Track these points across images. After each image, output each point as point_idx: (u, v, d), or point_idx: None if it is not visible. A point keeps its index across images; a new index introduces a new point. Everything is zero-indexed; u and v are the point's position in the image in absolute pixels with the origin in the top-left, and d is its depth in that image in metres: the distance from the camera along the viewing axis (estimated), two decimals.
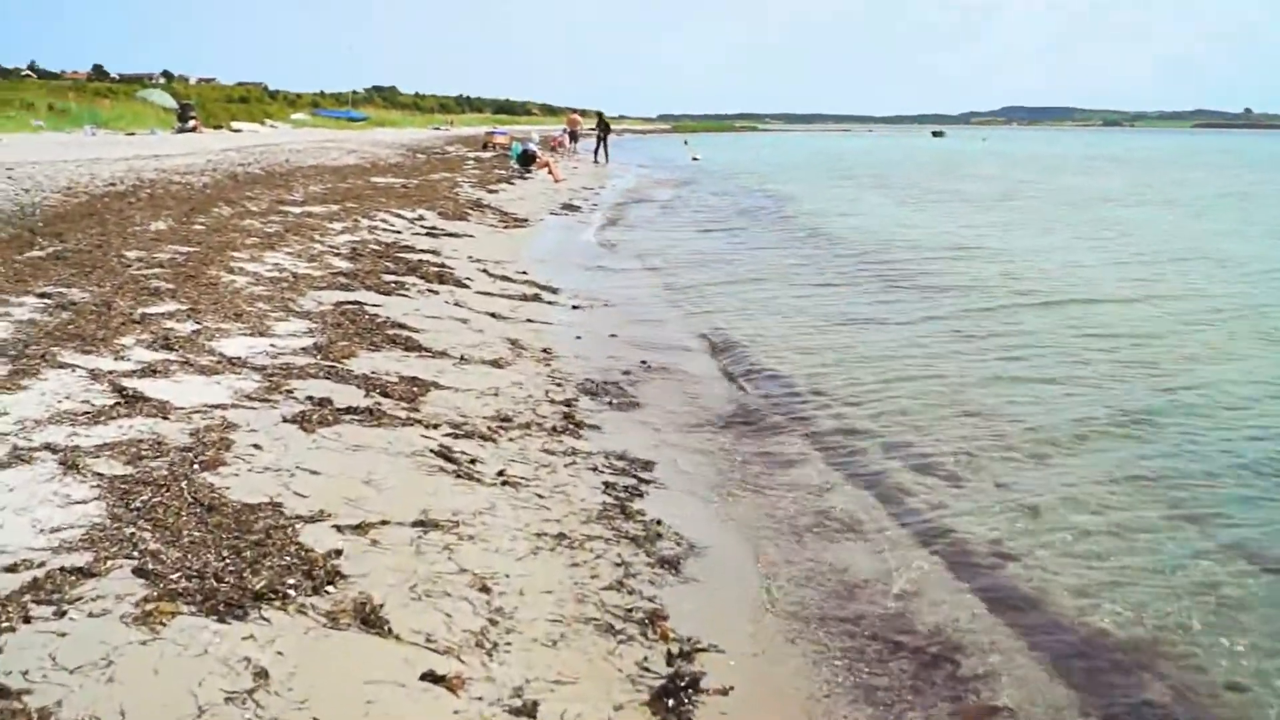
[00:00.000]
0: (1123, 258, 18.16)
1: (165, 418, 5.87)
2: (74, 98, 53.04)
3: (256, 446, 5.57)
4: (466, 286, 12.12)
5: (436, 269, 12.82)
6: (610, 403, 7.91)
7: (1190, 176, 49.15)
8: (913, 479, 6.72)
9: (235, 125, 60.18)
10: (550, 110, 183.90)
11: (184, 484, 4.83)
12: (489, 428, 6.69)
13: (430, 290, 11.42)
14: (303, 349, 7.95)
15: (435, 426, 6.48)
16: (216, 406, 6.20)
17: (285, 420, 6.11)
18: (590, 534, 5.22)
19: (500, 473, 5.81)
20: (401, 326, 9.24)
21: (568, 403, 7.66)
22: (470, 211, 21.09)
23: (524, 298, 12.08)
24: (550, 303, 12.10)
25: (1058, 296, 13.74)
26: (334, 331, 8.68)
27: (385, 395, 7.00)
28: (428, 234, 16.65)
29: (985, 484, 6.67)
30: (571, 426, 7.06)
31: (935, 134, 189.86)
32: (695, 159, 61.76)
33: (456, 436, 6.36)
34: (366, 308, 9.82)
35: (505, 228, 19.87)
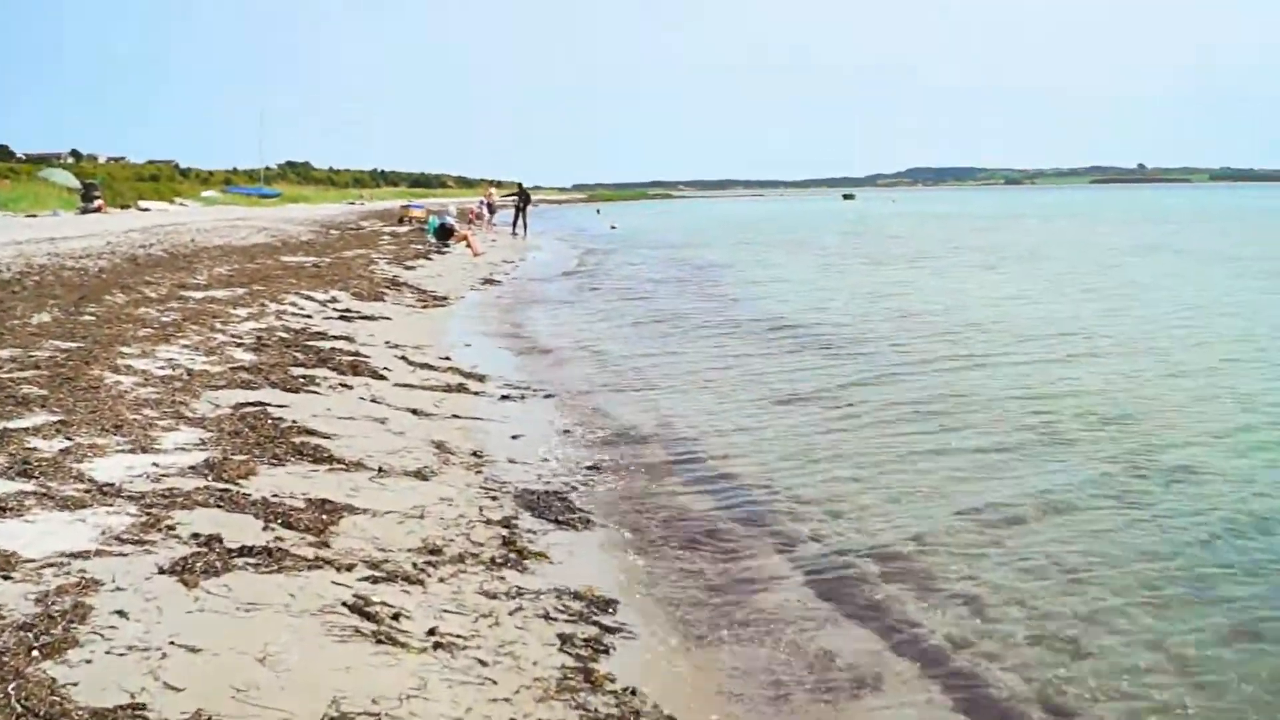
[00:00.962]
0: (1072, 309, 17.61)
1: (7, 576, 4.67)
2: None
3: (121, 614, 4.40)
4: (384, 378, 11.00)
5: (350, 359, 11.68)
6: (557, 520, 6.81)
7: (1118, 231, 49.49)
8: (917, 608, 5.70)
9: (143, 204, 58.18)
10: (466, 182, 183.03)
11: (14, 685, 3.66)
12: (415, 565, 5.57)
13: (343, 385, 10.27)
14: (192, 467, 6.77)
15: (349, 568, 5.35)
16: (76, 555, 5.00)
17: (161, 571, 4.94)
18: (550, 718, 4.13)
19: (431, 631, 4.69)
20: (310, 432, 8.09)
21: (507, 522, 6.57)
22: (386, 291, 19.96)
23: (448, 388, 10.97)
24: (477, 393, 11.01)
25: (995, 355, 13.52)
26: (231, 442, 7.51)
27: (288, 526, 5.86)
28: (341, 317, 15.50)
29: (1013, 612, 5.62)
30: (514, 556, 5.96)
31: (846, 197, 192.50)
32: (613, 228, 61.24)
33: (375, 580, 5.23)
34: (270, 409, 8.66)
35: (424, 307, 18.78)
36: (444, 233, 33.95)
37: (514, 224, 47.06)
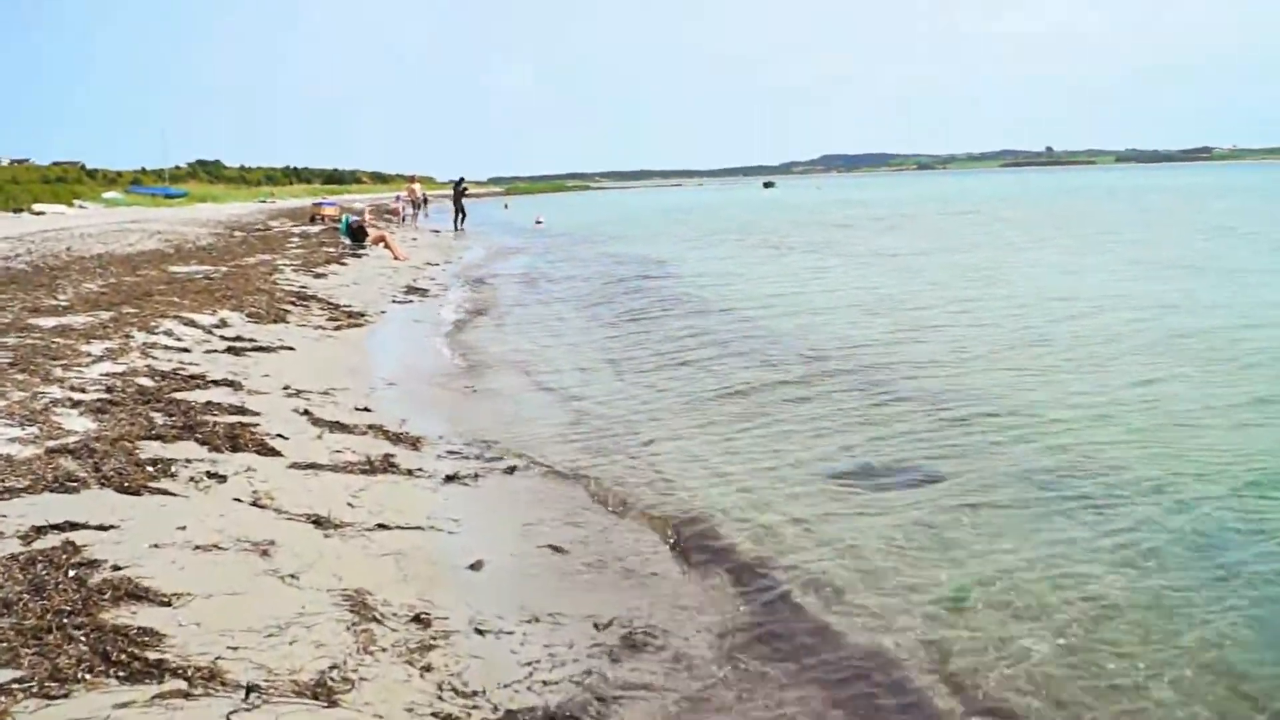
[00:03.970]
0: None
1: None
2: None
3: None
4: (277, 452, 7.71)
5: (230, 423, 8.34)
6: None
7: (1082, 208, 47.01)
8: None
9: (37, 208, 54.27)
10: (381, 178, 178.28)
11: None
12: None
13: (212, 474, 6.94)
14: None
15: None
16: None
17: None
18: None
19: None
20: (136, 596, 4.79)
21: None
22: (290, 308, 16.42)
23: (369, 466, 7.70)
24: (411, 471, 7.75)
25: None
26: None
27: None
28: (229, 349, 12.08)
29: None
30: None
31: (766, 184, 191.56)
32: (539, 223, 57.65)
33: None
34: (80, 541, 5.37)
35: (336, 328, 15.36)
36: (357, 233, 30.07)
37: (455, 220, 45.30)
